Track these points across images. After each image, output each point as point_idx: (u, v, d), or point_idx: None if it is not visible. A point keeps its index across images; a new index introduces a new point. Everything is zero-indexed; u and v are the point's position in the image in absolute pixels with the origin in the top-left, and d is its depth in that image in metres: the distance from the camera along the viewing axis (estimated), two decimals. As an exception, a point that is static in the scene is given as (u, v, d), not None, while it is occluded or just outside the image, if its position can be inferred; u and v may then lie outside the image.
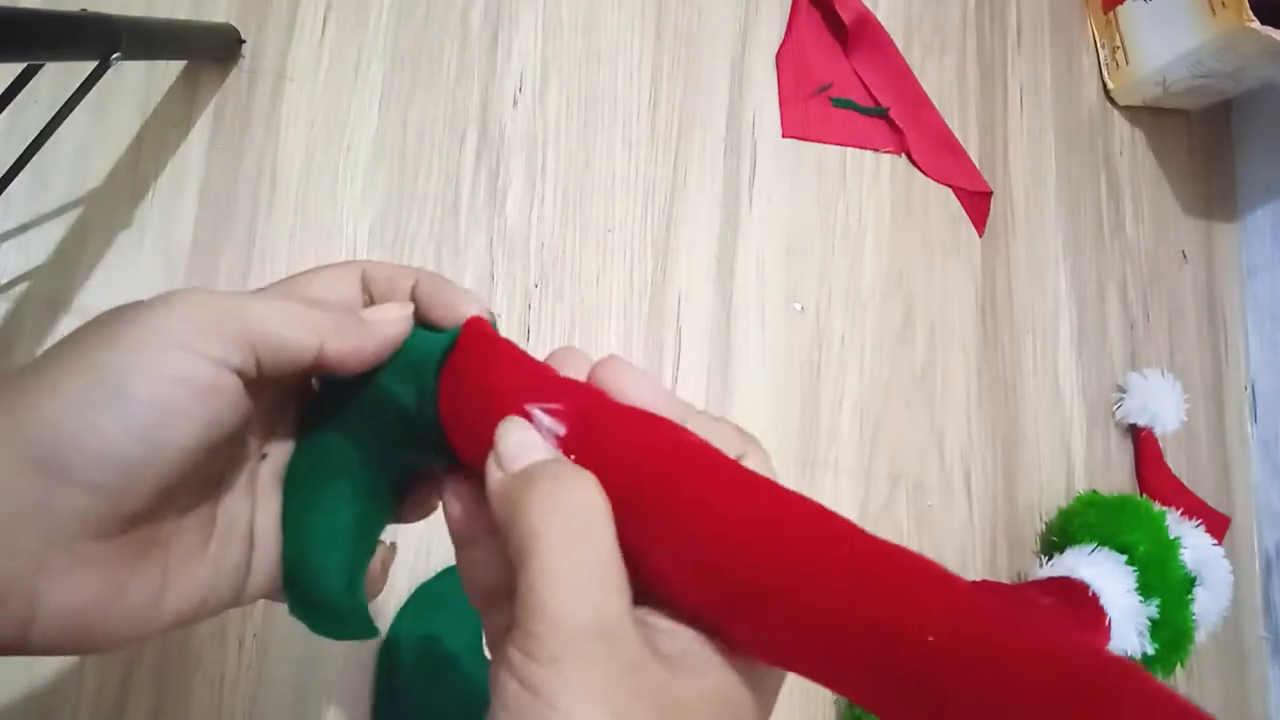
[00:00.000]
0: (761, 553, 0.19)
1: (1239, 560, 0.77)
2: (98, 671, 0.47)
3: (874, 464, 0.67)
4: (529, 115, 0.64)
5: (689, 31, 0.70)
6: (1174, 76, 0.80)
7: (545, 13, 0.66)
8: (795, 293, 0.68)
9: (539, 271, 0.61)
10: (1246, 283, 0.86)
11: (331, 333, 0.23)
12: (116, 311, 0.21)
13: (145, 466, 0.20)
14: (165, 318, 0.21)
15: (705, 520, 0.19)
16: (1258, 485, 0.82)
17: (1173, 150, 0.87)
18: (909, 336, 0.71)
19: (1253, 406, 0.83)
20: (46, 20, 0.39)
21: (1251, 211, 0.87)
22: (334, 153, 0.59)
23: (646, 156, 0.66)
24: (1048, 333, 0.76)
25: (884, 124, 0.75)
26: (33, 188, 0.52)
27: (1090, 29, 0.87)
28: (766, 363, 0.66)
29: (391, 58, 0.61)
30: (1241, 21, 0.70)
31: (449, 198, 0.61)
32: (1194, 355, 0.82)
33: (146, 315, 0.21)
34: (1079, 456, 0.75)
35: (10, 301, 0.51)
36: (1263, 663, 0.78)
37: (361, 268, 0.26)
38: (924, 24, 0.79)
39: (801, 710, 0.60)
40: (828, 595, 0.18)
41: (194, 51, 0.56)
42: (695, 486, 0.20)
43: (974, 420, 0.71)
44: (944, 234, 0.74)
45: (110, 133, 0.55)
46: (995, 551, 0.70)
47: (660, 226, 0.65)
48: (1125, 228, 0.83)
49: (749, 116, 0.70)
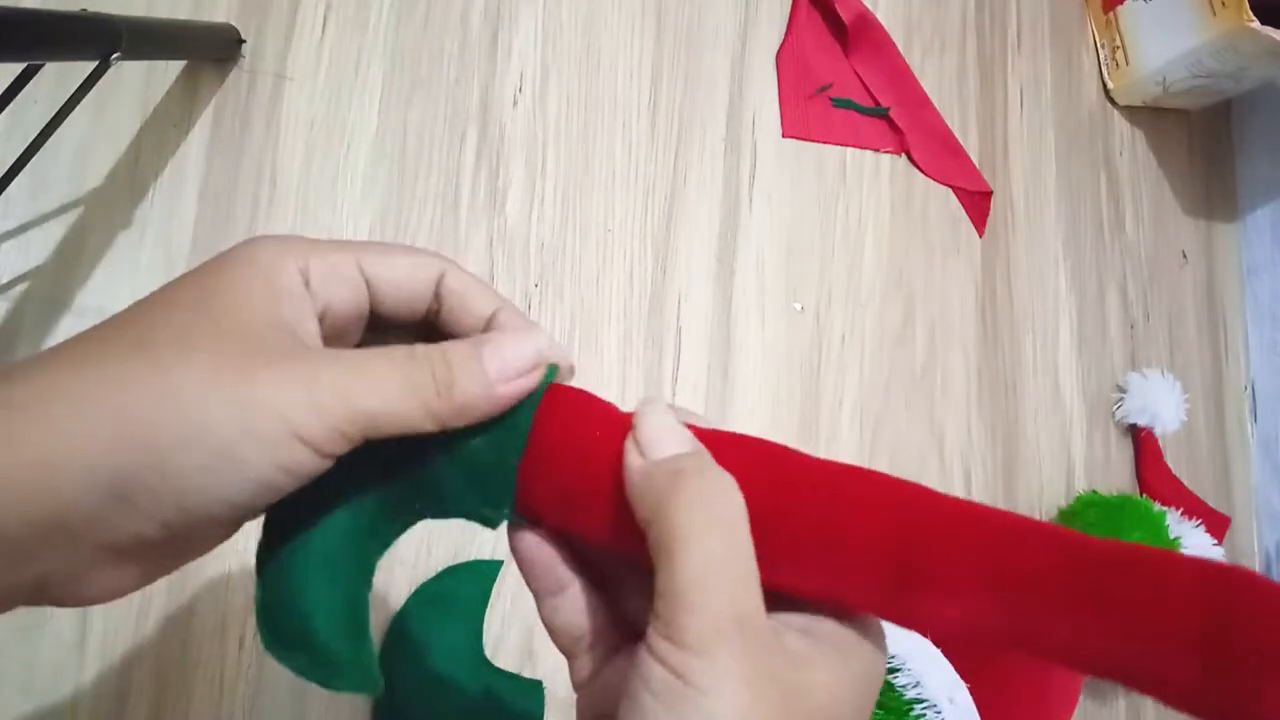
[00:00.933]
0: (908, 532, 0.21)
1: (1239, 560, 0.77)
2: (98, 671, 0.47)
3: (874, 464, 0.67)
4: (529, 115, 0.64)
5: (689, 31, 0.70)
6: (1174, 76, 0.80)
7: (545, 13, 0.66)
8: (795, 293, 0.68)
9: (539, 271, 0.61)
10: (1246, 283, 0.86)
11: (435, 402, 0.21)
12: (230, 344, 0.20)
13: (221, 521, 0.21)
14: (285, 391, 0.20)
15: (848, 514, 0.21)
16: (1258, 485, 0.82)
17: (1173, 150, 0.87)
18: (909, 336, 0.71)
19: (1253, 406, 0.83)
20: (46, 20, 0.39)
21: (1251, 211, 0.87)
22: (334, 153, 0.59)
23: (646, 156, 0.66)
24: (1048, 333, 0.76)
25: (884, 124, 0.75)
26: (33, 188, 0.52)
27: (1090, 29, 0.87)
28: (766, 363, 0.66)
29: (391, 58, 0.61)
30: (1241, 21, 0.70)
31: (449, 198, 0.61)
32: (1194, 355, 0.82)
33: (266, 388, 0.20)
34: (1079, 456, 0.75)
35: (10, 301, 0.51)
36: (1263, 663, 0.78)
37: (443, 270, 0.25)
38: (924, 24, 0.79)
39: (801, 710, 0.60)
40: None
41: (194, 51, 0.56)
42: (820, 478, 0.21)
43: (974, 420, 0.71)
44: (944, 234, 0.74)
45: (110, 133, 0.55)
46: (995, 551, 0.70)
47: (660, 226, 0.65)
48: (1125, 228, 0.83)
49: (749, 116, 0.70)
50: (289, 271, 0.22)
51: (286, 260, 0.22)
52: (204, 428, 0.19)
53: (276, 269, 0.22)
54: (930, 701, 0.52)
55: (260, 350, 0.20)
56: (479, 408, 0.22)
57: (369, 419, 0.20)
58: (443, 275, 0.25)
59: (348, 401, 0.20)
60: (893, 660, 0.54)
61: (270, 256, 0.22)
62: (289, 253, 0.22)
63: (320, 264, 0.23)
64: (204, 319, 0.21)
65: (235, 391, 0.19)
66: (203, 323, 0.20)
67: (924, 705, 0.52)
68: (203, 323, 0.20)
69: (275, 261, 0.22)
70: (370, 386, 0.21)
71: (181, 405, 0.19)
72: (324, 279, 0.23)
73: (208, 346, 0.20)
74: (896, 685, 0.53)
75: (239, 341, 0.20)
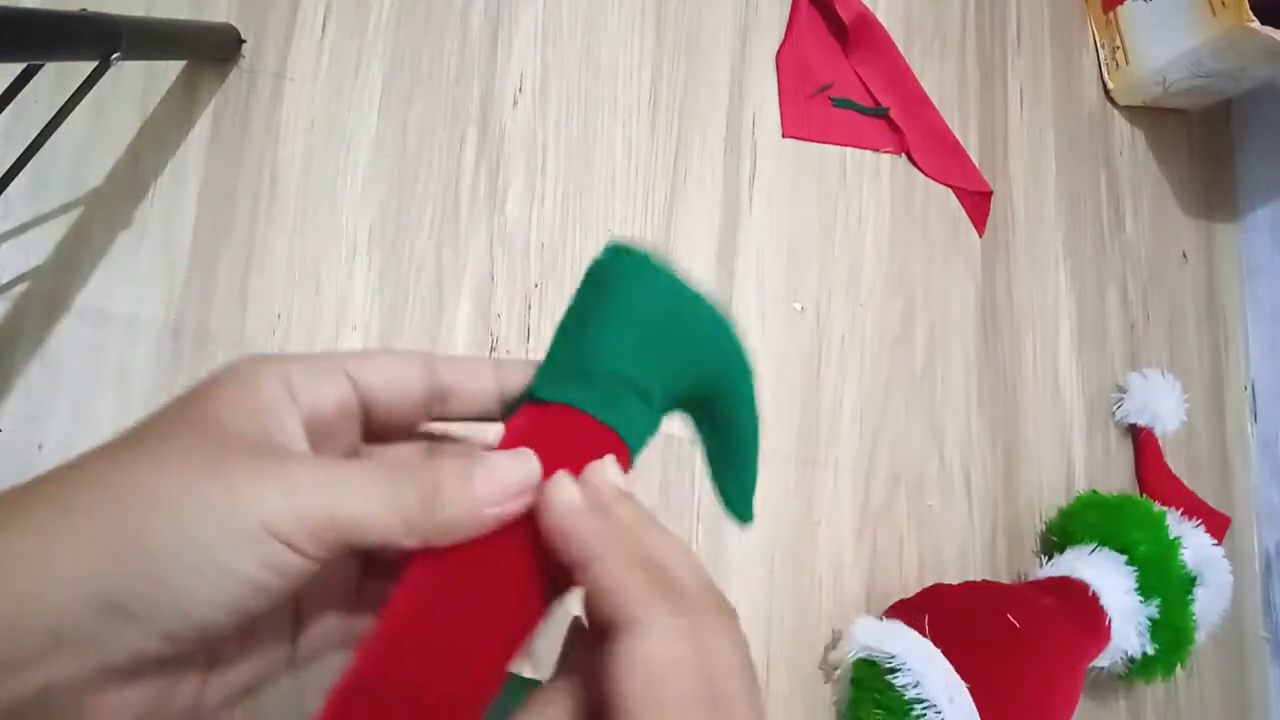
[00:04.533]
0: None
1: (1239, 560, 0.77)
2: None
3: (874, 464, 0.67)
4: (529, 115, 0.64)
5: (689, 32, 0.70)
6: (1174, 76, 0.80)
7: (545, 13, 0.66)
8: (795, 293, 0.68)
9: (539, 271, 0.61)
10: (1246, 283, 0.86)
11: (418, 519, 0.22)
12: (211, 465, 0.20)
13: (221, 627, 0.20)
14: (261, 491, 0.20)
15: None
16: (1258, 485, 0.82)
17: (1173, 150, 0.87)
18: (909, 336, 0.71)
19: (1253, 406, 0.83)
20: (46, 20, 0.39)
21: (1251, 212, 0.87)
22: (334, 153, 0.59)
23: (646, 156, 0.66)
24: (1048, 333, 0.76)
25: (884, 124, 0.75)
26: (33, 188, 0.52)
27: (1090, 29, 0.87)
28: (766, 363, 0.66)
29: (391, 58, 0.61)
30: (1241, 21, 0.70)
31: (449, 198, 0.61)
32: (1194, 355, 0.82)
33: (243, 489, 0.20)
34: (1079, 456, 0.75)
35: (10, 301, 0.51)
36: (1263, 663, 0.78)
37: (431, 365, 0.25)
38: (924, 24, 0.79)
39: (802, 711, 0.60)
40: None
41: (194, 51, 0.56)
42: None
43: (974, 420, 0.71)
44: (944, 234, 0.74)
45: (110, 133, 0.55)
46: (995, 551, 0.70)
47: (660, 226, 0.65)
48: (1125, 228, 0.83)
49: (749, 116, 0.70)
50: (270, 381, 0.22)
51: (266, 370, 0.22)
52: (186, 531, 0.19)
53: (257, 379, 0.22)
54: (930, 701, 0.52)
55: (241, 453, 0.20)
56: (463, 529, 0.22)
57: (348, 527, 0.21)
58: (433, 371, 0.25)
59: (326, 507, 0.20)
60: (893, 660, 0.54)
61: (251, 370, 0.22)
62: (269, 363, 0.23)
63: (301, 369, 0.23)
64: (184, 429, 0.21)
65: (212, 492, 0.20)
66: (183, 433, 0.21)
67: (924, 705, 0.52)
68: (183, 433, 0.21)
69: (256, 373, 0.22)
70: (351, 493, 0.21)
71: (164, 512, 0.19)
72: (305, 381, 0.23)
73: (186, 453, 0.20)
74: (896, 685, 0.53)
75: (218, 446, 0.20)
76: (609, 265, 0.26)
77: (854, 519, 0.65)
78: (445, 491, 0.22)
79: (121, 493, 0.20)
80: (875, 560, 0.65)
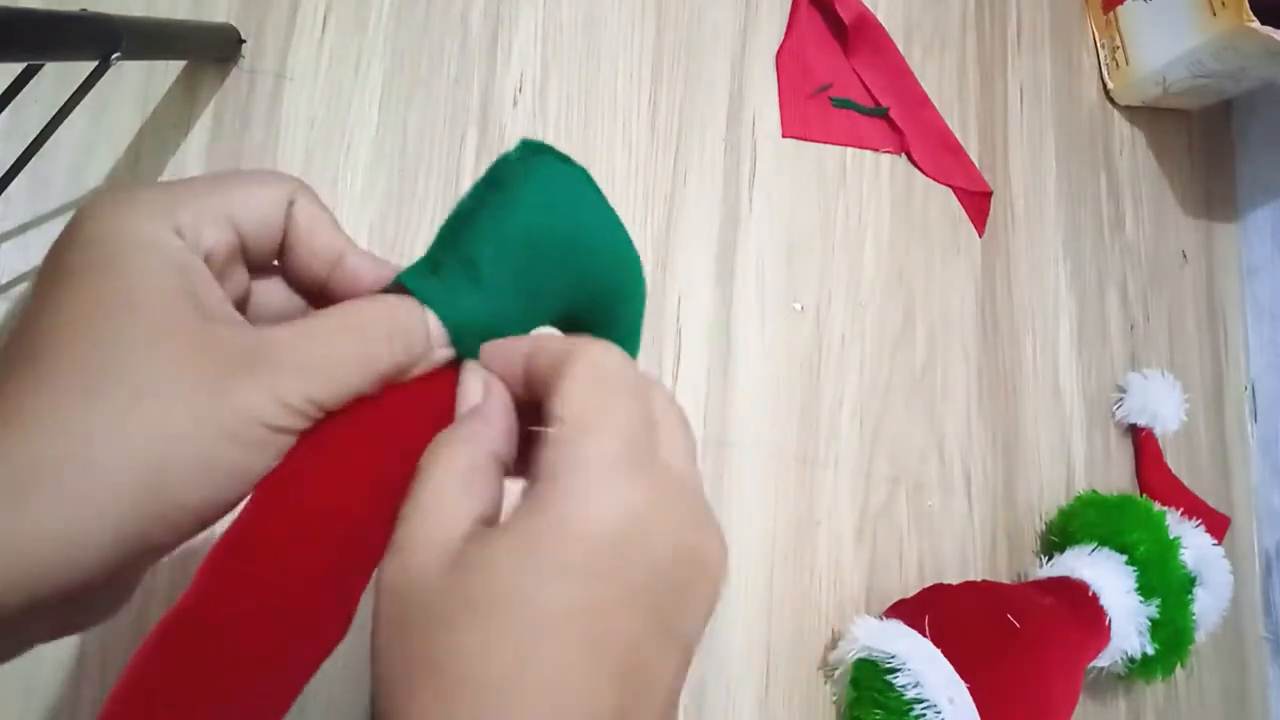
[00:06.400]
0: None
1: (1239, 560, 0.77)
2: (99, 671, 0.47)
3: (874, 464, 0.67)
4: (529, 115, 0.64)
5: (689, 31, 0.70)
6: (1174, 76, 0.80)
7: (545, 13, 0.66)
8: (795, 293, 0.68)
9: (539, 271, 0.61)
10: (1246, 283, 0.86)
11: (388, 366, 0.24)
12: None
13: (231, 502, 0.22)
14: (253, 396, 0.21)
15: None
16: (1258, 485, 0.82)
17: (1173, 150, 0.87)
18: (909, 336, 0.71)
19: (1253, 406, 0.83)
20: (46, 20, 0.39)
21: (1251, 211, 0.87)
22: (334, 153, 0.59)
23: (646, 156, 0.66)
24: (1048, 333, 0.77)
25: (884, 124, 0.75)
26: (33, 188, 0.52)
27: (1090, 29, 0.87)
28: (767, 363, 0.66)
29: (391, 58, 0.61)
30: (1241, 21, 0.70)
31: (449, 198, 0.61)
32: (1194, 355, 0.82)
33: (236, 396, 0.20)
34: (1079, 456, 0.75)
35: (10, 302, 0.51)
36: (1263, 663, 0.78)
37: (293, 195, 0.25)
38: (924, 24, 0.79)
39: (802, 711, 0.60)
40: None
41: (194, 51, 0.56)
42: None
43: (974, 420, 0.71)
44: (944, 234, 0.74)
45: (110, 133, 0.55)
46: (995, 551, 0.70)
47: (660, 226, 0.65)
48: (1125, 228, 0.83)
49: (749, 116, 0.70)
50: (171, 241, 0.21)
51: (158, 223, 0.21)
52: (189, 444, 0.19)
53: (160, 243, 0.21)
54: (930, 701, 0.52)
55: (211, 350, 0.20)
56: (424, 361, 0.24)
57: (332, 400, 0.22)
58: (292, 201, 0.25)
59: (310, 395, 0.22)
60: (893, 660, 0.54)
61: (147, 227, 0.21)
62: (153, 211, 0.21)
63: (189, 214, 0.22)
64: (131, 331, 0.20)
65: (210, 408, 0.20)
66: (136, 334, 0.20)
67: (924, 705, 0.52)
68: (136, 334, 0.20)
69: (155, 235, 0.21)
70: (329, 365, 0.22)
71: (171, 435, 0.19)
72: (196, 229, 0.22)
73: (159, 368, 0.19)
74: (896, 685, 0.53)
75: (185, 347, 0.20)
76: (515, 165, 0.25)
77: (854, 519, 0.65)
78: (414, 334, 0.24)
79: (138, 428, 0.19)
80: (875, 560, 0.65)
